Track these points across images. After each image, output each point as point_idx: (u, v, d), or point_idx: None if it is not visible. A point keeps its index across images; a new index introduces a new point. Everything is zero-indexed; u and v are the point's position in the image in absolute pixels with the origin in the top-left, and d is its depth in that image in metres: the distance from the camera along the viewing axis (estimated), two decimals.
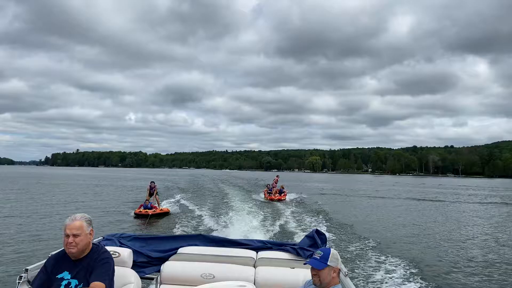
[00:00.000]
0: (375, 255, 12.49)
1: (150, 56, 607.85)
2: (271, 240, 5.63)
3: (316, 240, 4.87)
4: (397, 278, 9.93)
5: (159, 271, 4.62)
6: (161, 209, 21.46)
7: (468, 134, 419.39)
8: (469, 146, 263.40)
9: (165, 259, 4.73)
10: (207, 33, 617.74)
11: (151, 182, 23.58)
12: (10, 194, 32.86)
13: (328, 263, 3.42)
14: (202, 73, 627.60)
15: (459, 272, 11.11)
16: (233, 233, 14.36)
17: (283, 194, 32.76)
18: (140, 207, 21.33)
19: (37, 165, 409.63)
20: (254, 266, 4.52)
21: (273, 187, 33.88)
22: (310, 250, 4.70)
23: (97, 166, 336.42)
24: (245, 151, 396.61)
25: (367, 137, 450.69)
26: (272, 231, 16.19)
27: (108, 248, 3.97)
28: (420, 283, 9.63)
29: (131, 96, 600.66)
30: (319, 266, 3.42)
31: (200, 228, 16.81)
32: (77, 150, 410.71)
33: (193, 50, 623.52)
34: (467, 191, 60.28)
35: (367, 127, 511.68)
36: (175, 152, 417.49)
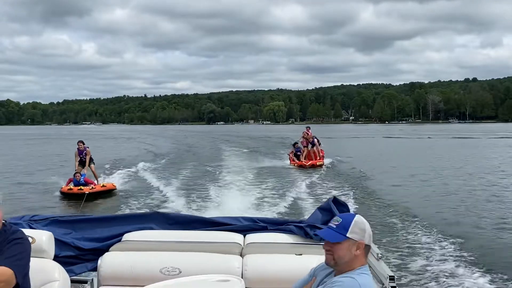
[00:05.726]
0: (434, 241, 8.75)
1: None
2: (265, 217, 4.43)
3: (334, 212, 3.64)
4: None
5: (95, 269, 3.48)
6: (102, 185, 15.41)
7: (503, 58, 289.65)
8: (500, 78, 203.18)
9: (104, 250, 3.54)
10: None
11: (79, 142, 16.51)
12: None
13: (347, 235, 2.33)
14: None
15: None
16: (212, 213, 10.59)
17: (318, 155, 22.60)
18: (68, 183, 15.15)
19: None
20: (241, 255, 3.42)
21: (305, 146, 23.02)
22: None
23: None
24: (172, 95, 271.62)
25: (357, 68, 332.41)
26: (272, 207, 12.01)
27: None
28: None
29: None
30: (333, 238, 2.34)
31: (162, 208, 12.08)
32: None
33: None
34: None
35: (356, 52, 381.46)
36: (64, 100, 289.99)
